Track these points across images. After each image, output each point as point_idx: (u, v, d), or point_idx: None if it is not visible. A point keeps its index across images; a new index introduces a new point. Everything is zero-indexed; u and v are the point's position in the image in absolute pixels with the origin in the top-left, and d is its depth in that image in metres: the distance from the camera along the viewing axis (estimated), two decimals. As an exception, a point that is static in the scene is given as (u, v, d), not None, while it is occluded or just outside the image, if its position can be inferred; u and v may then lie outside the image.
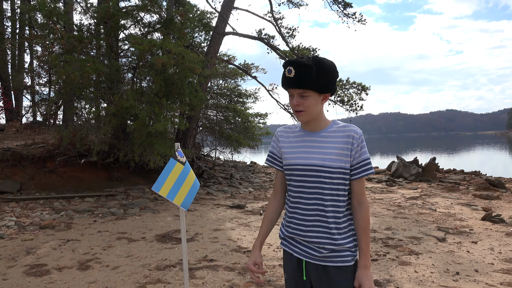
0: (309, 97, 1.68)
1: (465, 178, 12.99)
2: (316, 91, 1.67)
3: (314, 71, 1.64)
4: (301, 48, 13.32)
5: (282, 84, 1.74)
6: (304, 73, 1.64)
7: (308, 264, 1.77)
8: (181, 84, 8.95)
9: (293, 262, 1.82)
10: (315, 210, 1.73)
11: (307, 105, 1.69)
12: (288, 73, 1.67)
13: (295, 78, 1.65)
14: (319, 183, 1.71)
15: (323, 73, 1.66)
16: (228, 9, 12.53)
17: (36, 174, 9.58)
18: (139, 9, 9.68)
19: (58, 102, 12.44)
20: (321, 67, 1.65)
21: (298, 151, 1.78)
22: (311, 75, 1.64)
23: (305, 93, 1.67)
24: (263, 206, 8.40)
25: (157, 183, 2.77)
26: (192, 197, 2.92)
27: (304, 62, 1.65)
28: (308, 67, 1.64)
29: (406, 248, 5.06)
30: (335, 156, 1.70)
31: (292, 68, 1.66)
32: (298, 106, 1.69)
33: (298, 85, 1.66)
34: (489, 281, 3.94)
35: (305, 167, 1.74)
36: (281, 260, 4.62)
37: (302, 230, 1.76)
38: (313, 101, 1.69)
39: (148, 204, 8.40)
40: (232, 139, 14.16)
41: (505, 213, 7.37)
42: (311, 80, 1.64)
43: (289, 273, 1.85)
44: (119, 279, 4.07)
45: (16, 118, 15.27)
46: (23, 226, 6.38)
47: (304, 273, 1.78)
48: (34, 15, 12.04)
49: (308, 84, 1.65)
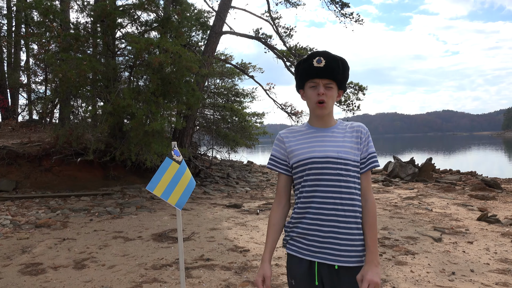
0: (332, 89, 1.71)
1: (461, 179, 13.05)
2: (338, 84, 1.73)
3: (341, 66, 1.70)
4: (298, 47, 13.32)
5: (306, 74, 1.73)
6: (333, 65, 1.69)
7: (321, 266, 1.67)
8: (178, 83, 8.93)
9: (302, 266, 1.71)
10: (333, 204, 1.66)
11: (330, 96, 1.71)
12: (318, 63, 1.68)
13: (325, 68, 1.68)
14: (336, 176, 1.67)
15: (346, 69, 1.74)
16: (226, 8, 12.52)
17: (32, 173, 9.53)
18: (136, 8, 9.64)
19: (55, 101, 12.40)
20: (344, 64, 1.73)
21: (312, 145, 1.74)
22: (339, 68, 1.70)
23: (330, 84, 1.70)
24: (260, 205, 8.39)
25: (151, 183, 2.76)
26: (187, 197, 2.90)
27: (333, 55, 1.72)
28: (336, 61, 1.70)
29: (402, 248, 5.08)
30: (348, 149, 1.71)
31: (322, 58, 1.68)
32: (324, 95, 1.69)
33: (328, 75, 1.68)
34: (484, 281, 3.95)
35: (322, 159, 1.69)
36: (277, 260, 4.62)
37: (318, 225, 1.68)
38: (334, 94, 1.73)
39: (144, 203, 8.38)
40: (229, 139, 14.15)
41: (501, 213, 7.41)
42: (338, 72, 1.70)
43: (298, 279, 1.72)
44: (115, 278, 4.05)
45: (12, 116, 15.20)
46: (19, 224, 6.35)
47: (316, 277, 1.68)
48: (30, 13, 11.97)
49: (336, 75, 1.69)
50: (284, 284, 3.87)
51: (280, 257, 4.74)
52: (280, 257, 4.74)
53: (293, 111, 14.25)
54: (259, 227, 6.38)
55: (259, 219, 7.01)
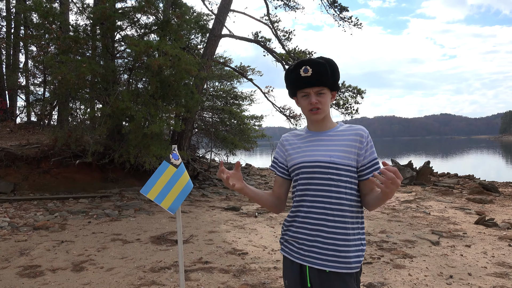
0: (325, 94, 1.71)
1: (459, 182, 13.08)
2: (330, 88, 1.72)
3: (329, 69, 1.70)
4: (297, 51, 13.37)
5: (295, 85, 1.73)
6: (321, 71, 1.68)
7: (311, 270, 1.68)
8: (177, 85, 8.95)
9: (294, 269, 1.73)
10: (321, 209, 1.67)
11: (323, 102, 1.71)
12: (305, 72, 1.68)
13: (313, 76, 1.68)
14: (327, 180, 1.67)
15: (335, 70, 1.73)
16: (225, 12, 12.56)
17: (30, 175, 9.52)
18: (136, 10, 9.67)
19: (53, 103, 12.38)
20: (332, 65, 1.72)
21: (304, 151, 1.76)
22: (327, 72, 1.69)
23: (322, 90, 1.70)
24: (258, 208, 8.40)
25: (146, 186, 2.76)
26: (181, 201, 2.89)
27: (318, 60, 1.69)
28: (323, 65, 1.69)
29: (400, 251, 5.09)
30: (342, 153, 1.68)
31: (309, 67, 1.68)
32: (317, 104, 1.70)
33: (317, 83, 1.68)
34: (482, 284, 3.97)
35: (311, 164, 1.70)
36: (276, 263, 4.63)
37: (306, 228, 1.69)
38: (327, 98, 1.73)
39: (143, 205, 8.38)
40: (228, 141, 14.17)
41: (498, 217, 7.43)
42: (327, 77, 1.69)
43: (290, 280, 1.75)
44: (114, 281, 4.05)
45: (10, 118, 15.17)
46: (17, 227, 6.34)
47: (308, 279, 1.68)
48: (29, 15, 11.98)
49: (325, 81, 1.69)
50: (282, 287, 3.88)
51: (279, 260, 4.75)
52: (278, 260, 4.75)
53: (292, 114, 14.28)
54: (257, 230, 6.38)
55: (257, 222, 7.02)
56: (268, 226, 6.68)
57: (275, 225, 6.81)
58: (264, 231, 6.31)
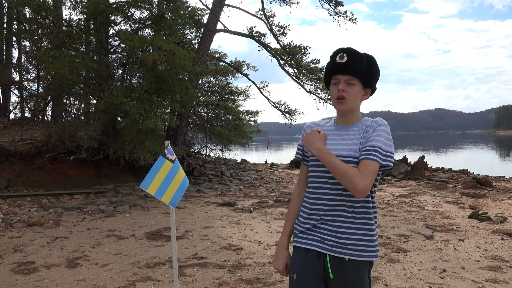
0: (355, 86, 1.70)
1: (453, 177, 13.17)
2: (362, 82, 1.71)
3: (365, 62, 1.69)
4: (292, 46, 13.33)
5: (328, 72, 1.74)
6: (356, 61, 1.68)
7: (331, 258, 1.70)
8: (172, 81, 8.90)
9: (310, 257, 1.74)
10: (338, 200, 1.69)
11: (351, 93, 1.69)
12: (340, 59, 1.68)
13: (346, 64, 1.67)
14: None
15: (372, 66, 1.71)
16: (220, 6, 12.49)
17: (24, 171, 9.46)
18: (130, 5, 9.58)
19: (47, 98, 12.31)
20: (371, 61, 1.71)
21: (326, 144, 1.74)
22: (362, 64, 1.68)
23: (352, 80, 1.69)
24: (253, 203, 8.41)
25: (145, 181, 2.75)
26: (181, 195, 2.90)
27: (357, 51, 1.70)
28: (360, 57, 1.69)
29: (394, 246, 5.12)
30: (356, 146, 1.69)
31: (345, 54, 1.68)
32: (343, 91, 1.68)
33: (348, 70, 1.68)
34: (475, 278, 4.00)
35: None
36: (271, 258, 4.64)
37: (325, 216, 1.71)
38: (357, 91, 1.70)
39: (138, 201, 8.36)
40: (223, 137, 14.15)
41: (492, 211, 7.49)
42: (360, 69, 1.68)
43: (300, 271, 1.76)
44: (108, 277, 4.05)
45: (3, 113, 15.05)
46: (11, 223, 6.31)
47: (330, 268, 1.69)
48: (22, 10, 11.85)
49: (358, 72, 1.68)
50: (277, 281, 3.90)
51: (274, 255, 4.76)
52: (273, 255, 4.76)
53: (287, 109, 14.28)
54: (252, 226, 6.39)
55: (252, 218, 7.03)
56: (263, 222, 6.70)
57: (270, 220, 6.83)
58: (259, 226, 6.32)
